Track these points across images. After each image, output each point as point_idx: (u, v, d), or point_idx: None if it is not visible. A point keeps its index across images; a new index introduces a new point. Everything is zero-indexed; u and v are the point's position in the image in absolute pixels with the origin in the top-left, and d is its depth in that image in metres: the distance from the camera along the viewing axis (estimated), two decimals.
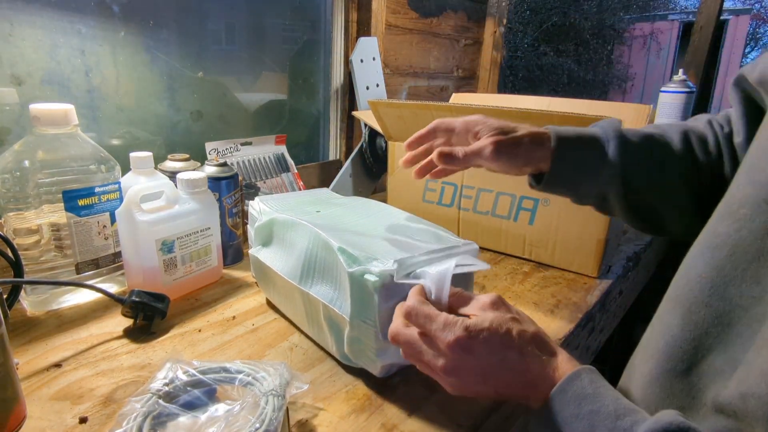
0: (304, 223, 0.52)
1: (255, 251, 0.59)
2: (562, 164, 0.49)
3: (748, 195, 0.31)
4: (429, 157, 0.52)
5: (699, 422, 0.31)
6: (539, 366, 0.36)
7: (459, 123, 0.51)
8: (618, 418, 0.30)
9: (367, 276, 0.43)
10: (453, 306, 0.41)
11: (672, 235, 0.54)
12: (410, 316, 0.39)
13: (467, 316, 0.39)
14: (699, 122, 0.52)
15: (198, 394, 0.39)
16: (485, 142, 0.48)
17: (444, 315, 0.38)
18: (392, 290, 0.43)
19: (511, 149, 0.48)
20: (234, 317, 0.59)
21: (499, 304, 0.39)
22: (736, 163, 0.48)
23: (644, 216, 0.52)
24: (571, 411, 0.33)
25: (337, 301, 0.47)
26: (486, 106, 0.74)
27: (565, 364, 0.36)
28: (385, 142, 1.08)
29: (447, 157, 0.48)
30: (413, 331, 0.39)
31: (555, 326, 0.60)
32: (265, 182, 0.98)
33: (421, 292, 0.41)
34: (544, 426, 0.34)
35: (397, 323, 0.40)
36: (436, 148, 0.50)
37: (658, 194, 0.50)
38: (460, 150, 0.48)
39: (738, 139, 0.46)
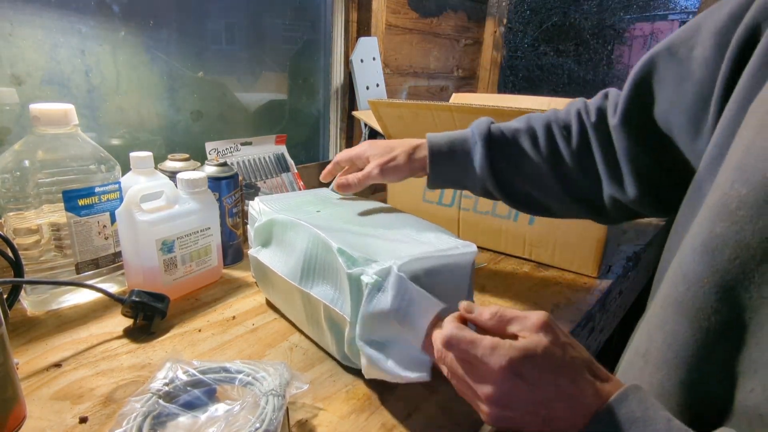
0: (304, 224, 0.52)
1: (254, 252, 0.59)
2: (438, 171, 0.59)
3: (745, 195, 0.31)
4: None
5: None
6: (593, 392, 0.32)
7: (354, 153, 0.63)
8: None
9: (362, 277, 0.42)
10: (494, 327, 0.36)
11: (555, 215, 0.60)
12: (450, 345, 0.35)
13: (514, 336, 0.35)
14: (570, 111, 0.56)
15: (198, 394, 0.39)
16: (371, 166, 0.59)
17: (488, 338, 0.34)
18: (386, 293, 0.42)
19: (392, 168, 0.59)
20: (234, 317, 0.59)
21: (549, 326, 0.34)
22: (607, 147, 0.51)
23: (523, 201, 0.59)
24: None
25: (337, 301, 0.47)
26: (486, 106, 0.74)
27: (617, 388, 0.33)
28: None
29: (344, 188, 0.62)
30: (468, 335, 0.35)
31: None
32: (265, 182, 0.98)
33: (459, 318, 0.38)
34: None
35: (450, 326, 0.36)
36: (341, 175, 0.64)
37: (528, 184, 0.57)
38: (353, 178, 0.60)
39: (613, 121, 0.50)
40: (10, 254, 0.53)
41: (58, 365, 0.49)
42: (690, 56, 0.42)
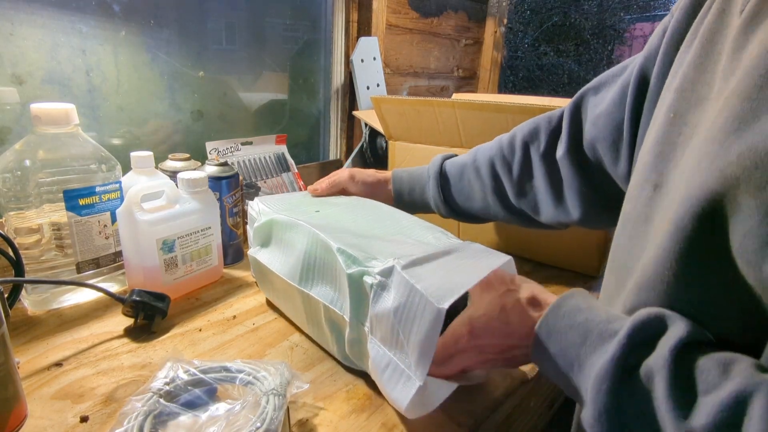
0: (303, 224, 0.51)
1: (254, 252, 0.59)
2: (401, 202, 0.69)
3: (636, 181, 0.41)
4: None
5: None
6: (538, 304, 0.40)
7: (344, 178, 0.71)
8: (609, 322, 0.34)
9: (365, 278, 0.42)
10: None
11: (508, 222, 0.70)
12: None
13: None
14: (514, 143, 0.62)
15: (199, 394, 0.39)
16: (344, 172, 0.70)
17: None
18: (389, 293, 0.41)
19: (360, 180, 0.69)
20: (234, 317, 0.59)
21: (492, 284, 0.42)
22: (554, 175, 0.59)
23: (475, 220, 0.69)
24: (565, 323, 0.36)
25: (337, 301, 0.47)
26: (489, 102, 0.75)
27: None
28: (386, 142, 1.08)
29: (312, 191, 0.70)
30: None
31: None
32: (265, 182, 0.98)
33: None
34: (543, 346, 0.36)
35: None
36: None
37: (475, 209, 0.67)
38: (323, 182, 0.69)
39: (559, 152, 0.58)
40: (11, 253, 0.53)
41: (58, 364, 0.49)
42: (606, 96, 0.53)
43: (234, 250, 0.75)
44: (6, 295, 0.52)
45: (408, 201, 0.70)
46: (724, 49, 0.35)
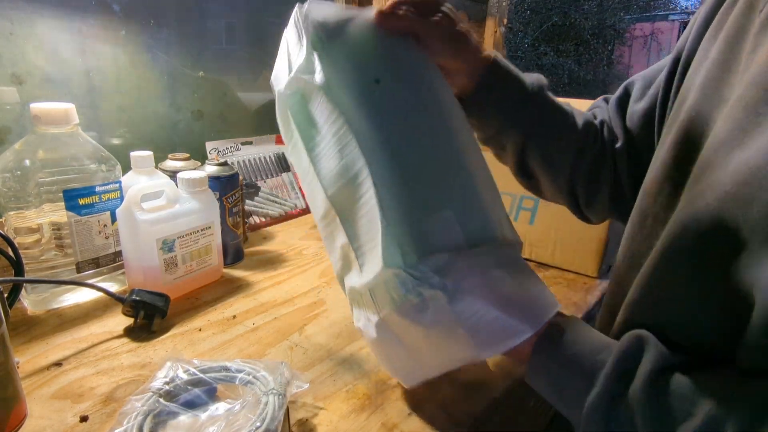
0: (363, 160, 0.39)
1: (286, 95, 0.47)
2: (480, 93, 0.50)
3: (655, 176, 0.40)
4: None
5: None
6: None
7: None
8: (596, 353, 0.35)
9: (408, 295, 0.37)
10: None
11: (545, 198, 0.60)
12: None
13: None
14: (595, 120, 0.55)
15: (198, 393, 0.39)
16: (444, 17, 0.46)
17: None
18: (426, 309, 0.37)
19: (463, 32, 0.47)
20: (234, 316, 0.59)
21: None
22: (613, 167, 0.53)
23: (527, 174, 0.56)
24: (557, 354, 0.36)
25: (362, 250, 0.40)
26: None
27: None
28: None
29: (386, 20, 0.44)
30: None
31: None
32: (265, 181, 0.98)
33: None
34: (536, 376, 0.38)
35: None
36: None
37: (545, 160, 0.53)
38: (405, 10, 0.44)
39: (618, 144, 0.53)
40: (11, 253, 0.53)
41: (58, 364, 0.49)
42: (647, 93, 0.50)
43: (234, 250, 0.75)
44: (6, 295, 0.52)
45: (491, 98, 0.51)
46: (745, 49, 0.34)
